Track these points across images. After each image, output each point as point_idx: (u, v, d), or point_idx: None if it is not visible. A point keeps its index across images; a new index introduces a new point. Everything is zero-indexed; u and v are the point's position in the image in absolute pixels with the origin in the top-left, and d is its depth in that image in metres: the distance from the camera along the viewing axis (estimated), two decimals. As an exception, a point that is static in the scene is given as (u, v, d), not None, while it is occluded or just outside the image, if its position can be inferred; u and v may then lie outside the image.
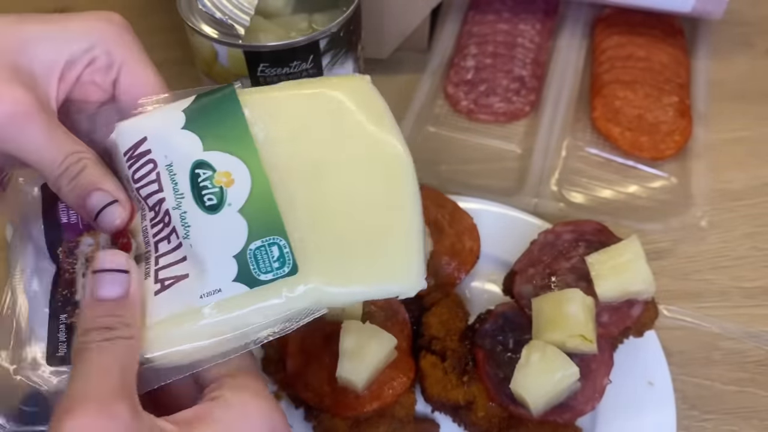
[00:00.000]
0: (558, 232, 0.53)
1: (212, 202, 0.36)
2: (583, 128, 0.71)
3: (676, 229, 0.63)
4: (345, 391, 0.48)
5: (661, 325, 0.56)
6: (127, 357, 0.31)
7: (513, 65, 0.74)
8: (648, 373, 0.52)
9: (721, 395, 0.54)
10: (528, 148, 0.70)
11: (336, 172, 0.38)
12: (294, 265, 0.35)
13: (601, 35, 0.76)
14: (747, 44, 0.78)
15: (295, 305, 0.35)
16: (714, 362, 0.56)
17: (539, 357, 0.46)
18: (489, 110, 0.73)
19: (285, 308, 0.35)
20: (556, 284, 0.50)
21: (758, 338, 0.57)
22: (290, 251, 0.35)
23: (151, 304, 0.34)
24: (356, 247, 0.36)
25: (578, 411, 0.47)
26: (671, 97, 0.70)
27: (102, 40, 0.39)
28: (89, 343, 0.31)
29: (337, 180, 0.38)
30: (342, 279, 0.36)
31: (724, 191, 0.66)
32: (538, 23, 0.78)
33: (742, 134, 0.71)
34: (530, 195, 0.65)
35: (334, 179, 0.38)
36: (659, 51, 0.73)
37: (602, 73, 0.73)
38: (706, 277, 0.61)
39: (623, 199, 0.66)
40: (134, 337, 0.32)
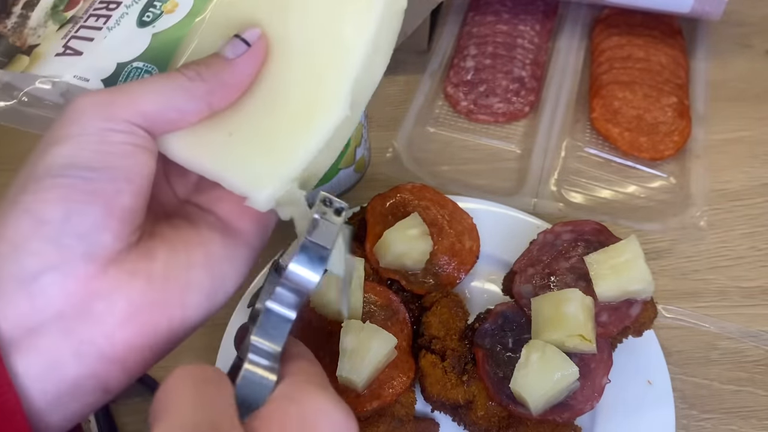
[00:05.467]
0: (557, 232, 0.53)
1: (146, 19, 0.40)
2: (582, 129, 0.71)
3: (675, 229, 0.63)
4: (345, 390, 0.48)
5: (660, 324, 0.57)
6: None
7: (512, 66, 0.74)
8: (647, 373, 0.53)
9: (719, 394, 0.55)
10: (527, 148, 0.70)
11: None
12: None
13: (600, 36, 0.77)
14: (746, 45, 0.78)
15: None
16: (713, 362, 0.56)
17: (539, 356, 0.46)
18: (488, 111, 0.73)
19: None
20: (555, 284, 0.51)
21: (757, 338, 0.57)
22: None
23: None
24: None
25: (577, 410, 0.47)
26: (670, 97, 0.70)
27: None
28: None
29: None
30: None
31: (723, 191, 0.67)
32: (538, 24, 0.78)
33: (741, 135, 0.71)
34: (529, 195, 0.65)
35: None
36: (658, 52, 0.73)
37: (601, 74, 0.73)
38: (704, 276, 0.61)
39: (622, 199, 0.66)
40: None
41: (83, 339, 0.31)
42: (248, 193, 0.35)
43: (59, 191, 0.31)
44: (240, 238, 0.38)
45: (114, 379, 0.32)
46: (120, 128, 0.33)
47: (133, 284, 0.32)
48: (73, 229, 0.31)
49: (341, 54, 0.37)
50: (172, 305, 0.33)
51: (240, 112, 0.37)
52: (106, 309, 0.31)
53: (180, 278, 0.34)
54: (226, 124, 0.37)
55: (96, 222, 0.31)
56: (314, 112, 0.36)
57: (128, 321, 0.32)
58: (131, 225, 0.33)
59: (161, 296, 0.33)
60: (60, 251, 0.30)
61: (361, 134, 0.64)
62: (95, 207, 0.31)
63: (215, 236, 0.37)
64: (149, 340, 0.33)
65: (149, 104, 0.34)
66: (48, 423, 0.30)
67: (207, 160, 0.36)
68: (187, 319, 0.34)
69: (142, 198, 0.34)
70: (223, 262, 0.36)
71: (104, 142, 0.32)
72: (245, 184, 0.36)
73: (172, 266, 0.34)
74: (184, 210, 0.39)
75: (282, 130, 0.36)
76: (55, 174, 0.31)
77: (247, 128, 0.37)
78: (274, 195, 0.35)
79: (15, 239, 0.30)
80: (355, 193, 0.67)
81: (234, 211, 0.38)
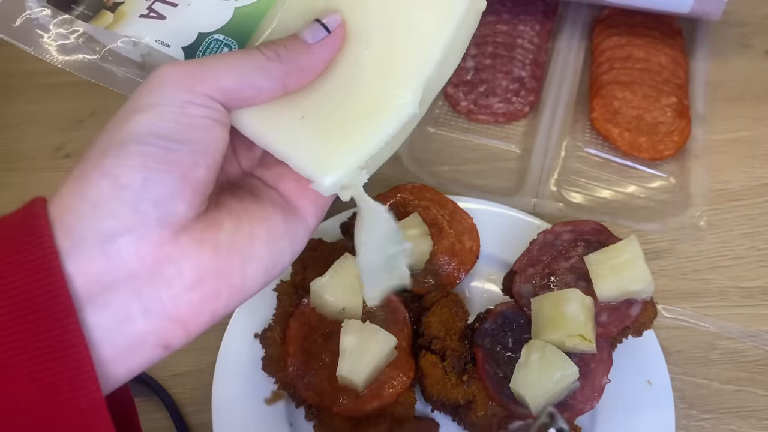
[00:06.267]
0: (557, 232, 0.53)
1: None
2: (582, 129, 0.71)
3: (675, 229, 0.63)
4: (345, 390, 0.48)
5: (660, 324, 0.57)
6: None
7: (512, 66, 0.74)
8: (647, 373, 0.53)
9: (719, 394, 0.55)
10: (527, 148, 0.70)
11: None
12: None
13: (600, 36, 0.77)
14: (745, 45, 0.78)
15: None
16: (712, 362, 0.56)
17: (539, 356, 0.46)
18: (488, 111, 0.73)
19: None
20: (555, 284, 0.51)
21: (756, 338, 0.57)
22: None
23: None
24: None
25: (577, 410, 0.47)
26: (670, 97, 0.70)
27: None
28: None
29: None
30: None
31: (723, 191, 0.67)
32: (538, 24, 0.78)
33: (741, 135, 0.71)
34: (529, 195, 0.65)
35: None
36: (658, 52, 0.73)
37: (601, 74, 0.73)
38: (704, 276, 0.61)
39: (622, 199, 0.66)
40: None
41: (152, 298, 0.33)
42: (314, 176, 0.36)
43: (140, 158, 0.32)
44: (299, 216, 0.39)
45: (175, 338, 0.34)
46: (200, 102, 0.34)
47: (200, 252, 0.34)
48: (150, 196, 0.32)
49: (419, 50, 0.38)
50: (234, 274, 0.35)
51: (313, 95, 0.38)
52: (174, 273, 0.33)
53: (243, 250, 0.35)
54: (299, 106, 0.37)
55: (172, 191, 0.33)
56: (386, 105, 0.37)
57: (194, 286, 0.34)
58: (203, 195, 0.34)
59: (225, 265, 0.35)
60: (136, 215, 0.32)
61: (361, 134, 0.64)
62: (172, 176, 0.33)
63: (277, 212, 0.38)
64: (210, 304, 0.34)
65: (228, 80, 0.35)
66: (112, 373, 0.32)
67: (277, 139, 0.37)
68: (245, 288, 0.36)
69: (215, 170, 0.35)
70: (283, 238, 0.38)
71: (185, 114, 0.34)
72: (312, 168, 0.36)
73: (237, 238, 0.35)
74: (247, 182, 0.40)
75: (352, 119, 0.37)
76: (137, 141, 0.33)
77: (318, 113, 0.37)
78: (339, 181, 0.36)
79: (96, 200, 0.32)
80: (355, 193, 0.67)
81: (295, 190, 0.40)
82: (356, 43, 0.38)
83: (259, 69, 0.36)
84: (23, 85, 0.76)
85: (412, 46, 0.38)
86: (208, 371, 0.54)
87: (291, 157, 0.37)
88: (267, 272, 0.37)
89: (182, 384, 0.57)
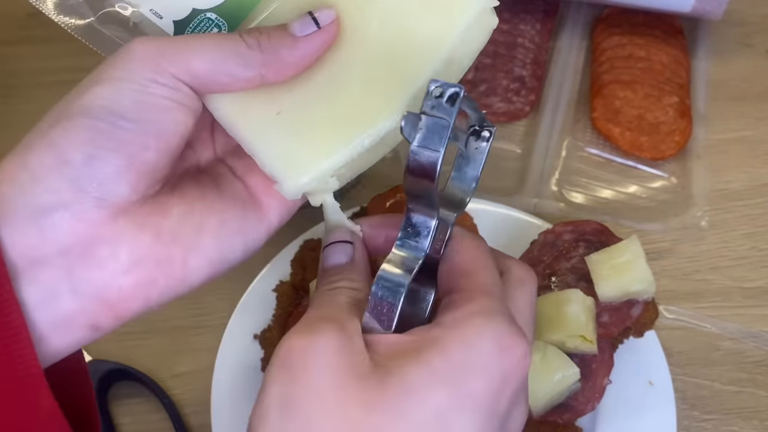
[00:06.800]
0: (558, 232, 0.53)
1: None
2: (583, 128, 0.71)
3: (676, 229, 0.63)
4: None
5: (661, 325, 0.56)
6: (347, 297, 0.34)
7: (513, 65, 0.74)
8: (648, 374, 0.52)
9: (721, 395, 0.54)
10: (528, 148, 0.70)
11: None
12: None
13: (601, 35, 0.76)
14: (747, 44, 0.78)
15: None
16: (714, 362, 0.56)
17: (539, 357, 0.46)
18: (489, 110, 0.73)
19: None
20: (556, 284, 0.50)
21: (758, 338, 0.57)
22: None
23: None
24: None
25: (578, 411, 0.47)
26: (671, 97, 0.70)
27: None
28: (320, 292, 0.35)
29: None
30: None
31: (724, 191, 0.66)
32: (538, 23, 0.78)
33: (743, 134, 0.70)
34: (530, 195, 0.65)
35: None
36: (659, 51, 0.73)
37: (602, 73, 0.73)
38: (706, 277, 0.61)
39: (623, 199, 0.66)
40: (357, 288, 0.35)
41: (83, 278, 0.32)
42: (279, 177, 0.35)
43: (88, 133, 0.31)
44: (261, 214, 0.38)
45: (104, 320, 0.33)
46: (164, 81, 0.33)
47: (139, 237, 0.33)
48: (92, 174, 0.31)
49: (412, 64, 0.36)
50: (174, 263, 0.34)
51: (294, 92, 0.36)
52: (108, 255, 0.32)
53: (188, 239, 0.34)
54: (278, 100, 0.36)
55: (116, 172, 0.32)
56: (366, 115, 0.36)
57: (128, 270, 0.33)
58: (150, 180, 0.33)
59: (165, 253, 0.33)
60: (75, 193, 0.31)
61: (361, 134, 0.63)
62: (118, 157, 0.32)
63: (236, 206, 0.37)
64: (144, 291, 0.33)
65: (200, 63, 0.33)
66: (40, 352, 0.31)
67: (248, 132, 0.36)
68: (185, 279, 0.35)
69: (169, 155, 0.34)
70: (236, 233, 0.36)
71: (145, 93, 0.33)
72: (278, 168, 0.35)
73: (183, 227, 0.34)
74: (216, 169, 0.39)
75: (329, 124, 0.36)
76: (90, 115, 0.32)
77: (296, 111, 0.36)
78: (304, 187, 0.35)
79: (36, 171, 0.31)
80: (356, 193, 0.67)
81: (262, 185, 0.38)
82: (350, 44, 0.36)
83: (235, 55, 0.34)
84: (23, 84, 0.75)
85: (406, 59, 0.36)
86: (208, 372, 0.54)
87: (258, 152, 0.36)
88: (212, 266, 0.35)
89: (181, 385, 0.57)
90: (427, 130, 0.30)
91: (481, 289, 0.33)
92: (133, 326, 0.59)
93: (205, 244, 0.35)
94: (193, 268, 0.34)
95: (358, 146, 0.35)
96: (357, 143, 0.35)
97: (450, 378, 0.29)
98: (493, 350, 0.30)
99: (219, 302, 0.60)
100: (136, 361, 0.57)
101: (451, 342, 0.30)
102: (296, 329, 0.31)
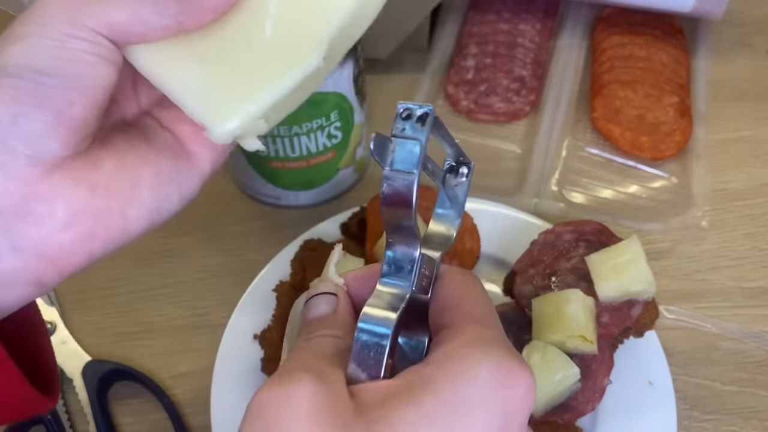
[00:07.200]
0: (558, 232, 0.53)
1: None
2: (584, 128, 0.71)
3: (677, 229, 0.63)
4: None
5: (662, 325, 0.56)
6: (329, 346, 0.31)
7: (513, 65, 0.74)
8: (648, 374, 0.52)
9: (721, 395, 0.54)
10: (528, 148, 0.70)
11: None
12: None
13: (601, 35, 0.76)
14: (747, 44, 0.78)
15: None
16: (714, 362, 0.56)
17: (539, 357, 0.46)
18: (489, 110, 0.73)
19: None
20: (556, 284, 0.50)
21: (758, 338, 0.57)
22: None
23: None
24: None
25: (578, 411, 0.47)
26: (671, 97, 0.70)
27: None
28: (299, 343, 0.32)
29: None
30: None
31: (725, 191, 0.66)
32: (539, 23, 0.78)
33: (743, 134, 0.71)
34: (530, 195, 0.65)
35: None
36: (659, 51, 0.73)
37: (602, 73, 0.73)
38: (706, 277, 0.61)
39: (623, 199, 0.66)
40: (339, 337, 0.32)
41: (21, 236, 0.32)
42: (207, 123, 0.35)
43: (10, 92, 0.31)
44: (193, 162, 0.38)
45: (48, 277, 0.33)
46: (83, 35, 0.33)
47: (75, 191, 0.33)
48: (20, 132, 0.31)
49: (328, 3, 0.36)
50: (113, 216, 0.34)
51: (215, 39, 0.36)
52: (45, 212, 0.32)
53: (124, 191, 0.35)
54: (199, 47, 0.36)
55: (44, 128, 0.32)
56: (288, 56, 0.35)
57: (67, 225, 0.33)
58: (81, 134, 0.33)
59: (102, 206, 0.34)
60: (4, 152, 0.31)
61: (360, 134, 0.64)
62: (45, 113, 0.32)
63: (168, 156, 0.37)
64: (86, 245, 0.34)
65: (116, 14, 0.33)
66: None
67: (172, 81, 0.36)
68: (126, 230, 0.35)
69: (96, 109, 0.34)
70: (171, 182, 0.37)
71: (63, 48, 0.32)
72: (206, 115, 0.35)
73: (118, 178, 0.34)
74: (143, 122, 0.39)
75: (252, 67, 0.35)
76: (10, 74, 0.31)
77: (218, 57, 0.36)
78: (234, 131, 0.35)
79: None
80: (355, 193, 0.67)
81: (191, 134, 0.38)
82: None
83: (150, 3, 0.33)
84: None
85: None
86: (207, 372, 0.54)
87: (184, 101, 0.35)
88: (151, 215, 0.36)
89: (181, 385, 0.57)
90: (399, 152, 0.28)
91: (472, 318, 0.30)
92: (133, 326, 0.60)
93: (143, 194, 0.35)
94: (132, 218, 0.35)
95: (283, 87, 0.35)
96: (282, 84, 0.35)
97: (443, 418, 0.26)
98: (492, 383, 0.26)
99: (219, 302, 0.60)
100: (136, 362, 0.58)
101: (443, 378, 0.27)
102: (269, 381, 0.28)
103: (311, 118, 0.57)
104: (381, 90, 0.75)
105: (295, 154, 0.60)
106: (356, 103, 0.60)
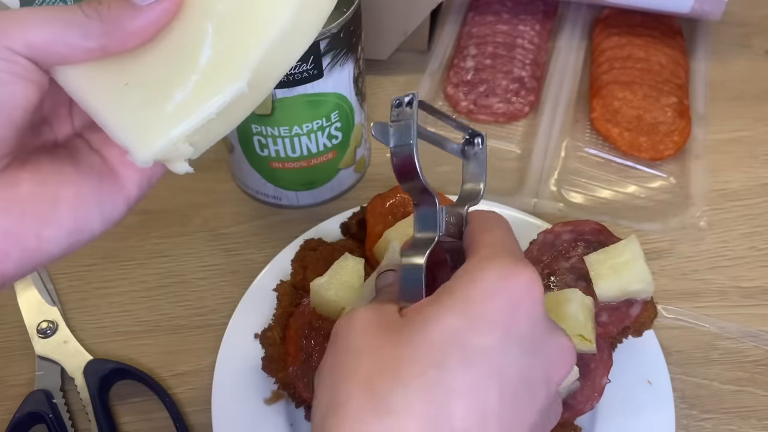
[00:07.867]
0: (557, 232, 0.53)
1: None
2: (582, 129, 0.71)
3: (675, 229, 0.63)
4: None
5: (660, 324, 0.57)
6: (389, 299, 0.38)
7: (512, 66, 0.74)
8: (647, 373, 0.53)
9: (719, 394, 0.55)
10: (527, 148, 0.70)
11: None
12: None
13: (600, 36, 0.77)
14: (745, 45, 0.78)
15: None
16: (712, 362, 0.56)
17: (539, 356, 0.46)
18: (488, 111, 0.73)
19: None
20: (555, 284, 0.51)
21: (756, 338, 0.57)
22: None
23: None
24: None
25: (577, 410, 0.47)
26: (670, 97, 0.70)
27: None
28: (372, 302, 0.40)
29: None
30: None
31: (723, 191, 0.67)
32: (538, 24, 0.78)
33: (741, 135, 0.71)
34: (529, 195, 0.65)
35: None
36: (658, 52, 0.73)
37: (601, 74, 0.73)
38: (704, 276, 0.61)
39: (622, 199, 0.66)
40: (397, 294, 0.39)
41: None
42: (130, 147, 0.35)
43: None
44: (119, 185, 0.38)
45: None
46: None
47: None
48: None
49: (254, 30, 0.36)
50: (27, 236, 0.34)
51: (142, 62, 0.36)
52: None
53: (42, 212, 0.35)
54: (126, 71, 0.36)
55: None
56: (212, 81, 0.36)
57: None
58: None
59: (16, 225, 0.34)
60: None
61: (361, 134, 0.64)
62: None
63: (92, 177, 0.37)
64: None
65: (37, 34, 0.33)
66: None
67: (97, 103, 0.36)
68: (42, 251, 0.35)
69: (12, 129, 0.33)
70: (93, 204, 0.37)
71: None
72: (128, 138, 0.35)
73: (35, 200, 0.35)
74: (74, 144, 0.39)
75: (177, 92, 0.36)
76: None
77: (143, 81, 0.36)
78: (155, 154, 0.35)
79: None
80: (355, 193, 0.67)
81: (118, 156, 0.38)
82: (197, 14, 0.36)
83: (74, 25, 0.33)
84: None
85: (248, 26, 0.36)
86: (208, 371, 0.54)
87: (108, 124, 0.36)
88: (70, 236, 0.36)
89: (182, 384, 0.57)
90: (396, 131, 0.37)
91: (485, 244, 0.36)
92: (134, 326, 0.60)
93: (62, 215, 0.35)
94: (48, 239, 0.35)
95: (205, 112, 0.35)
96: (205, 109, 0.35)
97: (458, 307, 0.32)
98: (496, 279, 0.33)
99: (220, 302, 0.61)
100: (137, 361, 0.58)
101: (457, 282, 0.34)
102: (340, 317, 0.36)
103: (312, 119, 0.58)
104: (381, 90, 0.75)
105: (295, 154, 0.60)
106: (356, 104, 0.61)
